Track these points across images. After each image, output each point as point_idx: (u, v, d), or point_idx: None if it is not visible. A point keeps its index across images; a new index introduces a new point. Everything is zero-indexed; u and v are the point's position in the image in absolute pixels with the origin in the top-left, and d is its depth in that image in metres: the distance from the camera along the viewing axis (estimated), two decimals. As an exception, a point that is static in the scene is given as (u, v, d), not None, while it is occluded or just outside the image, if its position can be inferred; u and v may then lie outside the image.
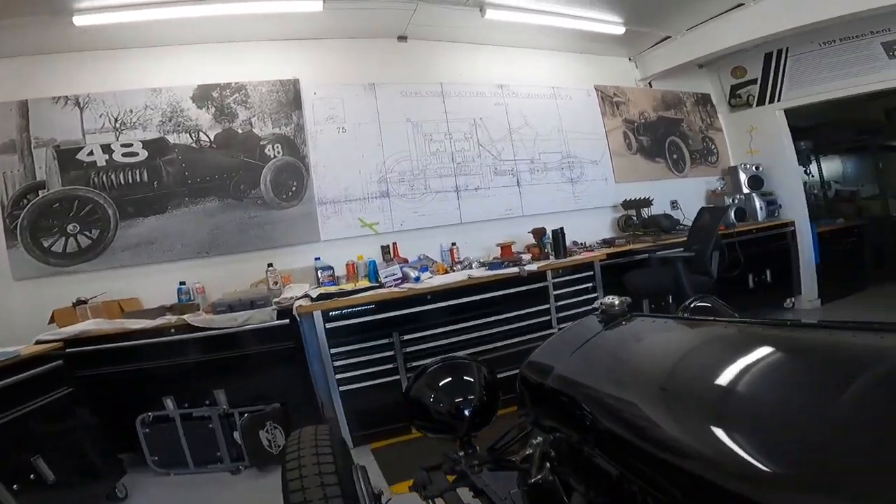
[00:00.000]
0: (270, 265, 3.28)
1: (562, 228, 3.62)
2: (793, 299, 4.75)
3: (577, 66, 4.76)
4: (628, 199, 4.50)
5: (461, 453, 1.23)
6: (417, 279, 3.11)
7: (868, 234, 5.29)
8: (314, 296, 2.89)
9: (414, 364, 2.88)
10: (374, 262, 3.40)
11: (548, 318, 3.27)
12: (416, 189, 3.92)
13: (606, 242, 4.22)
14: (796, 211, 4.81)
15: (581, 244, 4.18)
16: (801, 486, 0.55)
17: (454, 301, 3.07)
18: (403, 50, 4.06)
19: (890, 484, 0.48)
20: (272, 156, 3.56)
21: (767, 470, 0.58)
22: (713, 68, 5.29)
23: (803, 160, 5.31)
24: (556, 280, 3.36)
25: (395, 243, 3.71)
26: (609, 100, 4.82)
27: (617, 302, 1.29)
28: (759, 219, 4.73)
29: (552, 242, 3.60)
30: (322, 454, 1.06)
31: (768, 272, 4.55)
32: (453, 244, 3.88)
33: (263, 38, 3.59)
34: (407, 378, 2.80)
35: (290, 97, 3.64)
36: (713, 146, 5.27)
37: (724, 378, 0.80)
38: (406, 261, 3.57)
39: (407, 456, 2.54)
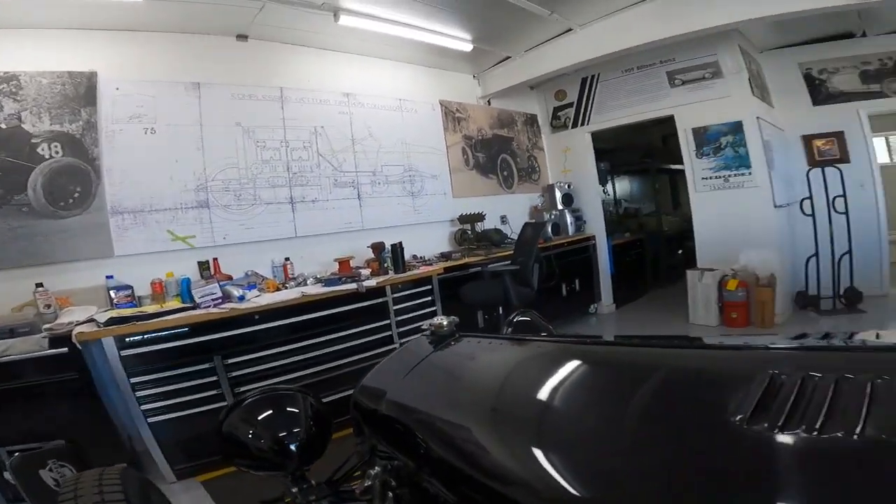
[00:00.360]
0: (40, 285, 2.63)
1: (401, 243, 3.66)
2: (595, 305, 5.53)
3: (426, 79, 4.86)
4: (464, 214, 4.75)
5: (294, 489, 1.11)
6: (242, 298, 2.80)
7: (647, 247, 6.48)
8: (102, 320, 2.40)
9: (244, 389, 2.64)
10: (187, 279, 2.95)
11: (389, 333, 3.26)
12: (244, 200, 3.55)
13: (444, 256, 4.38)
14: (597, 226, 5.56)
15: (420, 258, 4.27)
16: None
17: (288, 320, 2.86)
18: (241, 49, 3.68)
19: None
20: (48, 156, 2.86)
21: (580, 495, 0.59)
22: (541, 90, 5.87)
23: (602, 180, 6.09)
24: (395, 295, 3.37)
25: (215, 259, 3.29)
26: (452, 115, 5.03)
27: (445, 322, 1.31)
28: (570, 233, 5.38)
29: (391, 257, 3.60)
30: (109, 502, 0.84)
31: (577, 282, 5.22)
32: (287, 259, 3.62)
33: (55, 25, 2.92)
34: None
35: (81, 91, 2.99)
36: (536, 164, 5.83)
37: (543, 397, 0.85)
38: (230, 278, 3.19)
39: (243, 488, 2.24)
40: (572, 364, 0.93)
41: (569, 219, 5.42)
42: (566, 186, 5.57)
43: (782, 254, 4.51)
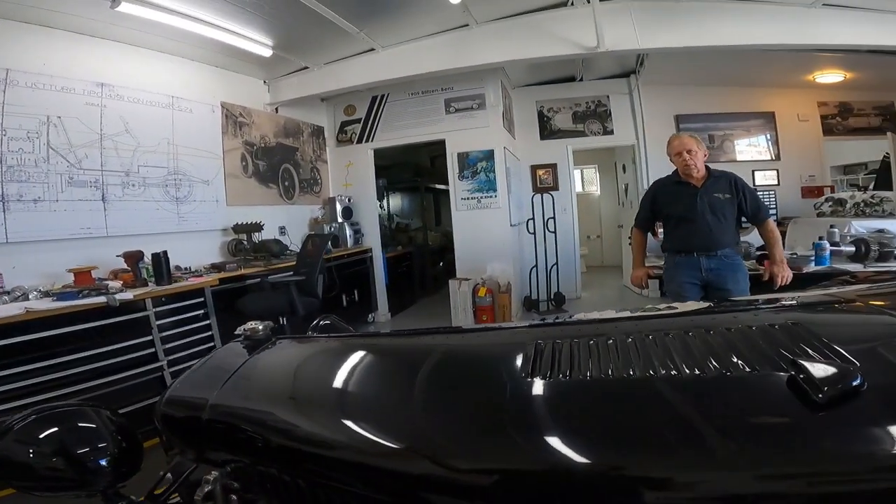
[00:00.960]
0: None
1: (165, 252, 3.25)
2: (373, 314, 5.86)
3: (208, 78, 4.43)
4: (239, 223, 4.45)
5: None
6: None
7: (415, 259, 7.19)
8: None
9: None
10: None
11: (152, 350, 2.90)
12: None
13: (216, 267, 4.01)
14: (373, 239, 5.94)
15: (186, 269, 3.83)
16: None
17: (5, 341, 2.32)
18: None
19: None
20: None
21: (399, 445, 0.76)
22: (332, 103, 5.92)
23: (380, 195, 6.51)
24: (159, 309, 3.00)
25: None
26: (234, 119, 4.66)
27: (261, 327, 1.31)
28: (349, 245, 5.60)
29: (154, 267, 3.16)
30: None
31: (356, 292, 5.45)
32: (-12, 270, 2.80)
33: None
34: None
35: None
36: (319, 177, 5.86)
37: (360, 380, 1.01)
38: None
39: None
40: (385, 351, 1.12)
41: (348, 231, 5.62)
42: (347, 200, 5.78)
43: (515, 265, 5.66)
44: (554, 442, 0.66)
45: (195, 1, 3.36)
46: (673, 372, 0.72)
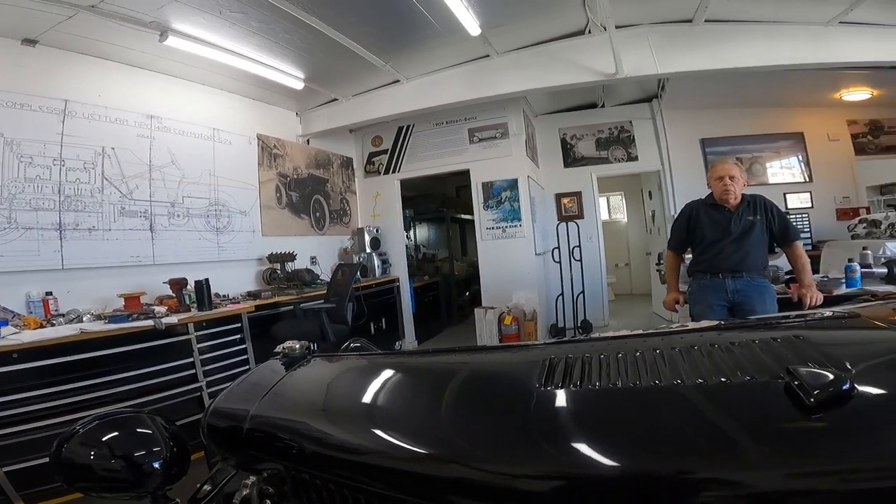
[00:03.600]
0: None
1: (207, 280, 3.45)
2: (400, 342, 5.93)
3: (244, 110, 4.69)
4: (274, 253, 4.66)
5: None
6: (-4, 338, 2.28)
7: (442, 289, 7.27)
8: None
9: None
10: None
11: (192, 371, 3.08)
12: (-11, 222, 2.89)
13: (252, 295, 4.20)
14: (400, 269, 6.05)
15: (224, 296, 4.02)
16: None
17: (62, 359, 2.52)
18: (24, 54, 3.09)
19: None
20: None
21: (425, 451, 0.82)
22: (360, 135, 6.12)
23: (406, 226, 6.63)
24: (199, 333, 3.18)
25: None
26: (269, 151, 4.90)
27: (297, 346, 1.41)
28: (377, 275, 5.72)
29: (196, 294, 3.35)
30: None
31: (384, 320, 5.55)
32: (49, 294, 3.04)
33: None
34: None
35: None
36: (348, 207, 6.03)
37: (390, 394, 1.09)
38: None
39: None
40: (409, 367, 1.20)
41: (376, 261, 5.76)
42: (375, 230, 5.94)
43: (541, 294, 5.67)
44: (564, 446, 0.73)
45: (234, 35, 3.62)
46: (677, 381, 0.77)
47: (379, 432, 0.91)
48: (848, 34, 3.98)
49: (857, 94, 5.50)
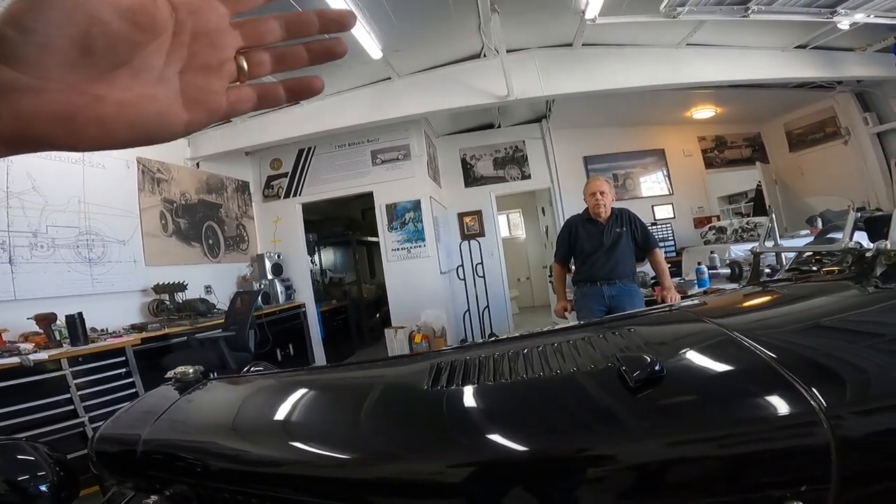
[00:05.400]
0: None
1: (80, 314, 3.16)
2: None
3: None
4: (160, 283, 4.32)
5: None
6: None
7: (351, 312, 7.19)
8: None
9: None
10: None
11: (71, 407, 2.94)
12: None
13: (137, 328, 3.85)
14: (306, 294, 5.88)
15: (102, 330, 3.65)
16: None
17: None
18: None
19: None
20: None
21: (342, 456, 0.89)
22: (257, 157, 5.85)
23: (310, 250, 6.46)
24: (76, 368, 3.01)
25: None
26: (151, 175, 4.53)
27: (191, 370, 1.38)
28: (281, 301, 5.50)
29: (67, 328, 3.07)
30: None
31: (291, 346, 5.36)
32: None
33: None
34: None
35: None
36: (245, 233, 5.73)
37: (286, 408, 1.11)
38: None
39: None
40: (308, 382, 1.25)
41: (279, 288, 5.56)
42: (276, 256, 5.73)
43: (448, 311, 5.84)
44: (447, 438, 0.84)
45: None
46: (540, 374, 0.92)
47: (282, 443, 0.97)
48: (693, 56, 4.67)
49: (704, 111, 6.48)
